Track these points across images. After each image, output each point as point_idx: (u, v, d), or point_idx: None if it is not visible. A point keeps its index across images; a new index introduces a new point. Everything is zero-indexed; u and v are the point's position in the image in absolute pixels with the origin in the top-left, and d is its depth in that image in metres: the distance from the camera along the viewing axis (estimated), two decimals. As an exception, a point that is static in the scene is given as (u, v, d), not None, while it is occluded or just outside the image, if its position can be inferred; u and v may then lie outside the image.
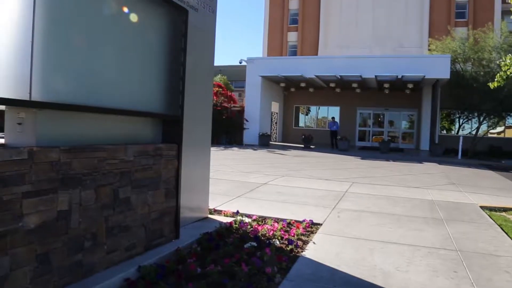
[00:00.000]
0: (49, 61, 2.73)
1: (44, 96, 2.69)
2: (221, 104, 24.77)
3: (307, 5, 38.06)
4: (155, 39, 3.81)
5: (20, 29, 2.61)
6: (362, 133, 29.36)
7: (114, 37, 3.32)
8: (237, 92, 41.03)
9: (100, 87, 3.22)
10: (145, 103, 3.71)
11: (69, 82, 2.94)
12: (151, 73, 3.79)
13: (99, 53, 3.18)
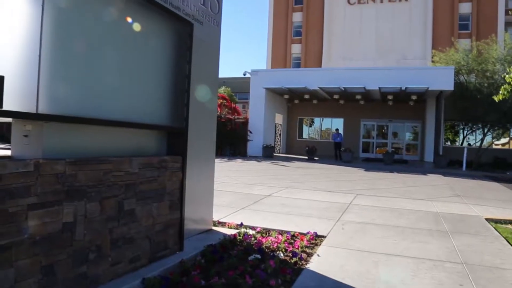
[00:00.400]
0: (56, 74, 2.77)
1: (50, 108, 2.73)
2: (225, 115, 24.85)
3: (311, 17, 38.35)
4: (161, 52, 3.86)
5: (28, 43, 2.65)
6: (366, 145, 29.32)
7: (119, 50, 3.37)
8: (241, 104, 41.18)
9: (106, 99, 3.26)
10: (151, 115, 3.74)
11: (75, 95, 2.97)
12: (157, 85, 3.82)
13: (104, 66, 3.22)
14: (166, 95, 3.94)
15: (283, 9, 39.61)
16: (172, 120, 4.00)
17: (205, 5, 4.52)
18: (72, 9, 2.87)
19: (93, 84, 3.11)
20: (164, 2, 3.76)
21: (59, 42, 2.78)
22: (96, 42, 3.12)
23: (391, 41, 35.61)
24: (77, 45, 2.94)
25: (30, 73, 2.63)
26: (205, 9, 4.54)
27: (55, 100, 2.79)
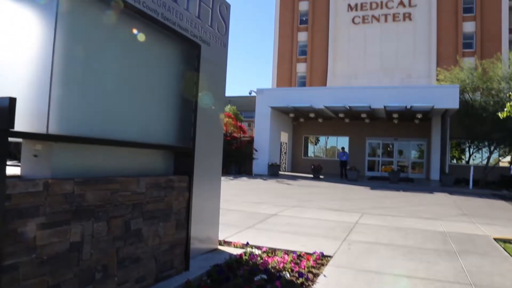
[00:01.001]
0: (67, 95, 2.82)
1: (60, 129, 2.77)
2: (231, 134, 24.94)
3: (316, 37, 38.73)
4: (169, 73, 3.92)
5: (40, 65, 2.71)
6: (371, 163, 29.23)
7: (128, 71, 3.43)
8: (247, 122, 41.31)
9: (114, 120, 3.30)
10: (158, 135, 3.78)
11: (85, 116, 3.02)
12: (164, 106, 3.88)
13: (113, 87, 3.28)
14: (174, 115, 3.98)
15: (288, 29, 40.07)
16: (179, 140, 4.03)
17: (212, 26, 4.61)
18: (83, 32, 2.94)
19: (102, 105, 3.16)
20: (172, 24, 3.84)
21: (70, 64, 2.84)
22: (106, 64, 3.18)
23: (395, 59, 35.82)
24: (87, 67, 3.00)
25: (41, 94, 2.68)
26: (213, 30, 4.62)
27: (65, 120, 2.83)
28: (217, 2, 4.69)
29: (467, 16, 34.94)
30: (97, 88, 3.11)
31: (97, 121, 3.12)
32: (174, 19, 3.88)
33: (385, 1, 37.00)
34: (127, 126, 3.42)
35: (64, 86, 2.78)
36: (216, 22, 4.68)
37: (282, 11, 40.55)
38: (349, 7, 38.06)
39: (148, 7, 3.52)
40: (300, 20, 40.20)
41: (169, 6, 3.80)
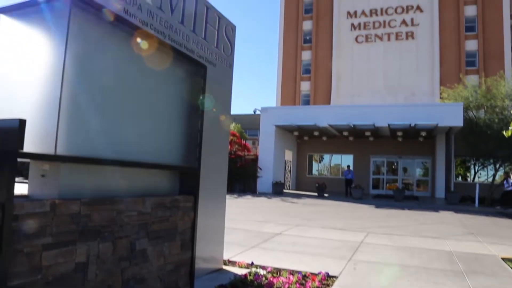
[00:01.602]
0: (74, 117, 2.86)
1: (68, 150, 2.80)
2: (235, 152, 24.97)
3: (319, 55, 39.06)
4: (175, 94, 3.97)
5: (49, 87, 2.76)
6: (376, 181, 29.11)
7: (135, 92, 3.47)
8: (251, 140, 41.39)
9: (121, 140, 3.34)
10: (164, 155, 3.81)
11: (92, 136, 3.05)
12: (170, 126, 3.91)
13: (120, 108, 3.32)
14: (179, 135, 4.02)
15: (292, 48, 40.45)
16: (185, 160, 4.06)
17: (218, 47, 4.67)
18: (91, 54, 2.99)
19: (109, 126, 3.20)
20: (179, 46, 3.90)
21: (79, 85, 2.89)
22: (113, 85, 3.23)
23: (399, 78, 35.99)
24: (95, 88, 3.05)
25: (50, 115, 2.72)
26: (218, 51, 4.69)
27: (73, 141, 2.86)
28: (223, 24, 4.77)
29: (469, 34, 35.19)
30: (104, 108, 3.15)
31: (104, 141, 3.16)
32: (181, 40, 3.95)
33: (388, 20, 37.37)
34: (133, 146, 3.45)
35: (73, 107, 2.82)
36: (222, 43, 4.75)
37: (286, 30, 41.02)
38: (352, 26, 38.45)
39: (155, 29, 3.59)
40: (304, 39, 40.61)
41: (176, 28, 3.87)
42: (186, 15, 4.04)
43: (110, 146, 3.20)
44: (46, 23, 2.84)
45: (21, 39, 2.98)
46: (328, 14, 39.39)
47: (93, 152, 3.02)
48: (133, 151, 3.43)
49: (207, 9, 4.41)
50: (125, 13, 3.25)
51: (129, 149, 3.40)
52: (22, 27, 2.99)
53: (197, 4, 4.21)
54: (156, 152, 3.73)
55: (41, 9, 2.84)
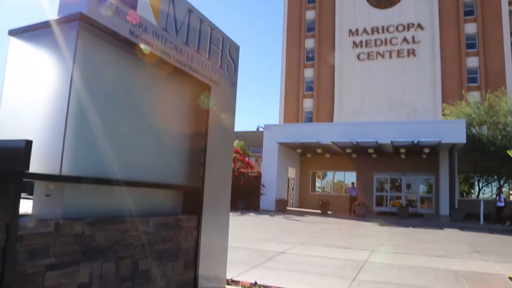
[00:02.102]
0: (80, 138, 2.88)
1: (73, 169, 2.81)
2: (238, 170, 24.95)
3: (322, 73, 39.30)
4: (179, 113, 4.00)
5: (56, 107, 2.79)
6: (379, 198, 28.94)
7: (139, 112, 3.50)
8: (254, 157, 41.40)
9: (126, 160, 3.35)
10: (168, 175, 3.82)
11: (97, 156, 3.07)
12: (174, 145, 3.93)
13: (125, 129, 3.34)
14: (183, 155, 4.03)
15: (295, 65, 40.74)
16: (189, 179, 4.06)
17: (222, 67, 4.72)
18: (98, 75, 3.04)
19: (114, 146, 3.22)
20: (184, 66, 3.95)
21: (85, 106, 2.92)
22: (118, 105, 3.26)
23: (401, 95, 36.09)
24: (100, 109, 3.07)
25: (56, 135, 2.74)
26: (222, 71, 4.73)
27: (78, 161, 2.88)
28: (227, 44, 4.83)
29: (470, 51, 35.39)
30: (110, 128, 3.17)
31: (108, 161, 3.17)
32: (186, 61, 3.99)
33: (389, 38, 37.67)
34: (137, 166, 3.47)
35: (79, 127, 2.85)
36: (225, 63, 4.80)
37: (289, 48, 41.37)
38: (354, 44, 38.76)
39: (161, 50, 3.64)
40: (307, 56, 40.92)
41: (180, 49, 3.92)
42: (191, 36, 4.09)
43: (114, 166, 3.21)
44: (54, 44, 2.89)
45: (29, 60, 3.03)
46: (330, 32, 39.76)
47: (97, 172, 3.04)
48: (137, 171, 3.44)
49: (211, 29, 4.48)
50: (131, 34, 3.30)
51: (133, 168, 3.42)
52: (31, 48, 3.04)
53: (201, 25, 4.27)
54: (160, 171, 3.74)
55: (49, 31, 2.89)
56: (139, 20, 3.39)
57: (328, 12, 40.33)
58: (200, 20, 4.27)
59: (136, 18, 3.34)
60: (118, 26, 3.17)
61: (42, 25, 2.92)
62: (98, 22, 2.94)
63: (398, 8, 37.95)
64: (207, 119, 4.17)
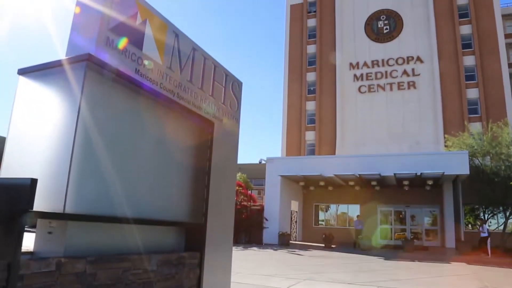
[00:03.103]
0: (85, 175, 2.90)
1: (77, 207, 2.81)
2: (241, 203, 24.81)
3: (324, 106, 39.68)
4: (182, 150, 4.03)
5: (61, 145, 2.82)
6: (383, 231, 28.58)
7: (143, 149, 3.53)
8: (256, 190, 41.23)
9: (128, 197, 3.35)
10: (170, 211, 3.81)
11: (100, 193, 3.08)
12: (177, 182, 3.93)
13: (128, 165, 3.36)
14: (186, 191, 4.03)
15: (296, 98, 41.19)
16: (191, 216, 4.04)
17: (225, 103, 4.79)
18: (103, 112, 3.08)
19: (117, 183, 3.23)
20: (187, 103, 4.01)
21: (90, 144, 2.95)
22: (122, 143, 3.29)
23: (402, 126, 36.28)
24: (105, 146, 3.10)
25: (60, 172, 2.76)
26: (225, 107, 4.80)
27: (82, 199, 2.88)
28: (230, 81, 4.92)
29: (469, 83, 35.80)
30: (113, 166, 3.19)
31: (112, 198, 3.17)
32: (189, 98, 4.06)
33: (389, 70, 38.22)
34: (141, 203, 3.46)
35: (83, 165, 2.87)
36: (228, 99, 4.88)
37: (291, 82, 41.97)
38: (355, 77, 39.31)
39: (165, 88, 3.71)
40: (308, 90, 41.42)
41: (184, 86, 3.99)
42: (195, 73, 4.18)
43: (117, 203, 3.21)
44: (62, 83, 2.95)
45: (36, 98, 3.09)
46: (331, 66, 40.41)
47: (101, 209, 3.04)
48: (140, 208, 3.44)
49: (215, 67, 4.57)
50: (136, 73, 3.38)
51: (136, 205, 3.41)
52: (39, 87, 3.11)
53: (205, 63, 4.37)
54: (163, 208, 3.73)
55: (57, 70, 2.96)
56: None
57: (329, 46, 41.14)
58: (204, 58, 4.37)
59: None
60: (124, 65, 3.25)
61: (51, 65, 3.00)
62: (105, 62, 3.02)
63: (397, 42, 38.70)
64: (210, 155, 4.19)
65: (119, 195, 3.25)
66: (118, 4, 3.27)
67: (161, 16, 3.76)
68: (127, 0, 3.39)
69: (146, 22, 3.56)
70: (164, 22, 3.79)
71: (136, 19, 3.45)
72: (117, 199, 3.22)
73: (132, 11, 3.41)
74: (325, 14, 42.66)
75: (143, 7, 3.53)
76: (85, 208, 2.90)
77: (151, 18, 3.61)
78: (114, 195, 3.20)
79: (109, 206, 3.12)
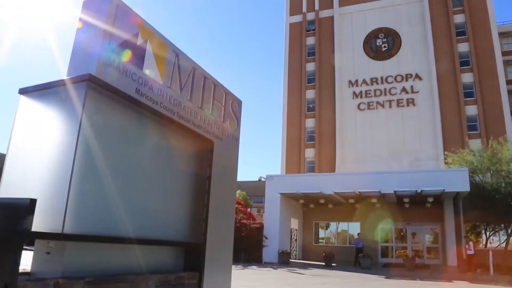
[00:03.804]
0: (84, 195, 2.88)
1: (76, 227, 2.79)
2: (240, 221, 24.66)
3: (323, 123, 39.80)
4: (182, 169, 4.02)
5: (61, 164, 2.81)
6: (384, 249, 28.35)
7: (142, 168, 3.52)
8: (256, 208, 41.05)
9: (127, 217, 3.32)
10: (169, 231, 3.78)
11: (100, 213, 3.06)
12: (177, 201, 3.92)
13: (128, 185, 3.35)
14: (185, 211, 4.01)
15: (296, 116, 41.33)
16: (190, 235, 4.01)
17: (224, 122, 4.80)
18: (103, 132, 3.09)
19: (118, 203, 3.21)
20: (187, 122, 4.02)
21: (90, 163, 2.94)
22: (121, 163, 3.29)
23: (402, 143, 36.32)
24: (105, 166, 3.09)
25: (60, 192, 2.74)
26: (225, 126, 4.81)
27: (81, 218, 2.87)
28: (229, 99, 4.94)
29: (468, 100, 36.00)
30: (113, 186, 3.18)
31: (112, 218, 3.15)
32: (189, 117, 4.07)
33: (388, 88, 38.46)
34: (140, 223, 3.44)
35: (83, 185, 2.86)
36: (228, 118, 4.89)
37: (290, 99, 42.18)
38: (354, 94, 39.54)
39: (165, 107, 3.72)
40: (308, 107, 41.60)
41: (184, 105, 4.01)
42: (195, 92, 4.20)
43: (117, 223, 3.19)
44: (62, 103, 2.97)
45: (37, 117, 3.10)
46: (330, 83, 40.69)
47: (100, 229, 3.01)
48: (139, 228, 3.41)
49: (215, 86, 4.60)
50: (136, 92, 3.40)
51: (135, 225, 3.38)
52: (39, 106, 3.12)
53: (205, 82, 4.40)
54: (162, 227, 3.70)
55: (58, 90, 2.98)
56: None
57: (328, 64, 41.49)
58: (204, 77, 4.40)
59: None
60: (124, 85, 3.27)
61: (51, 85, 3.01)
62: (105, 82, 3.03)
63: (396, 60, 39.05)
64: (210, 174, 4.19)
65: (119, 215, 3.23)
66: (120, 24, 3.31)
67: (162, 36, 3.81)
68: (129, 21, 3.43)
69: (147, 42, 3.60)
70: (164, 42, 3.83)
71: (137, 39, 3.49)
72: (117, 219, 3.20)
73: (133, 31, 3.45)
74: (324, 33, 43.16)
75: (144, 27, 3.58)
76: (84, 228, 2.88)
77: (151, 38, 3.65)
78: (114, 215, 3.18)
79: (108, 226, 3.10)
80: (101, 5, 3.28)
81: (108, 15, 3.22)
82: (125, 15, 3.39)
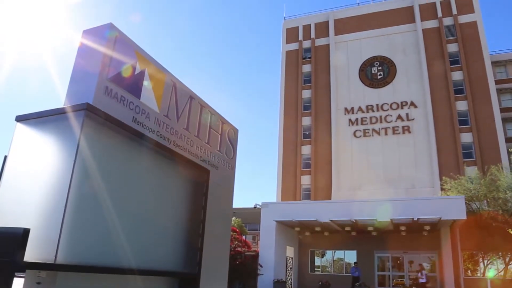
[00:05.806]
0: (77, 226, 2.85)
1: (68, 258, 2.75)
2: (235, 248, 24.31)
3: (319, 150, 39.82)
4: (177, 198, 4.00)
5: (55, 198, 2.80)
6: (381, 278, 27.90)
7: (137, 199, 3.49)
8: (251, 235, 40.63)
9: (121, 247, 3.28)
10: (163, 261, 3.73)
11: (93, 244, 3.03)
12: (171, 231, 3.88)
13: (122, 215, 3.32)
14: (180, 240, 3.97)
15: (292, 143, 41.35)
16: (185, 265, 3.96)
17: (221, 151, 4.81)
18: (98, 164, 3.08)
19: (111, 234, 3.18)
20: (183, 151, 4.03)
21: (84, 196, 2.92)
22: (117, 194, 3.27)
23: (398, 170, 36.29)
24: (99, 199, 3.06)
25: (54, 224, 2.72)
26: (221, 154, 4.82)
27: (74, 249, 2.83)
28: (226, 128, 4.97)
29: (463, 127, 36.20)
30: (107, 216, 3.15)
31: (104, 249, 3.12)
32: (185, 145, 4.08)
33: (384, 115, 38.70)
34: (134, 254, 3.39)
35: (76, 216, 2.83)
36: (224, 146, 4.90)
37: (286, 126, 42.28)
38: (350, 122, 39.73)
39: (161, 136, 3.73)
40: (304, 134, 41.67)
41: (181, 134, 4.03)
42: (191, 121, 4.23)
43: (110, 253, 3.15)
44: (59, 132, 2.98)
45: (33, 145, 3.10)
46: (326, 111, 40.91)
47: (92, 259, 2.97)
48: (132, 258, 3.36)
49: (211, 115, 4.63)
50: (133, 121, 3.41)
51: (128, 256, 3.34)
52: (35, 134, 3.12)
53: (201, 111, 4.43)
54: (156, 258, 3.66)
55: (55, 118, 2.99)
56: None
57: (324, 91, 41.85)
58: (201, 106, 4.43)
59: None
60: (121, 114, 3.28)
61: (49, 113, 3.03)
62: (103, 111, 3.05)
63: (391, 87, 39.45)
64: (205, 203, 4.16)
65: (112, 246, 3.19)
66: (118, 54, 3.36)
67: (159, 66, 3.85)
68: (127, 50, 3.48)
69: (145, 72, 3.64)
70: (162, 71, 3.87)
71: (135, 69, 3.53)
72: (110, 250, 3.16)
73: (131, 60, 3.50)
74: (319, 60, 43.69)
75: (142, 56, 3.62)
76: (77, 259, 2.84)
77: (149, 67, 3.69)
78: (108, 245, 3.14)
79: (102, 256, 3.06)
80: (100, 35, 3.33)
81: (107, 44, 3.27)
82: (124, 44, 3.44)
